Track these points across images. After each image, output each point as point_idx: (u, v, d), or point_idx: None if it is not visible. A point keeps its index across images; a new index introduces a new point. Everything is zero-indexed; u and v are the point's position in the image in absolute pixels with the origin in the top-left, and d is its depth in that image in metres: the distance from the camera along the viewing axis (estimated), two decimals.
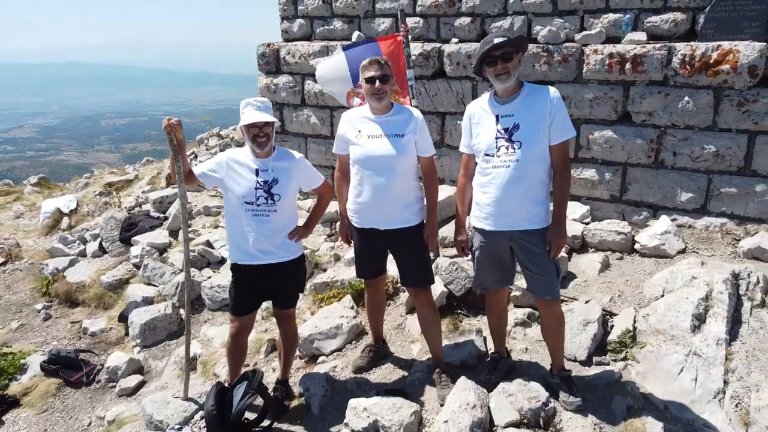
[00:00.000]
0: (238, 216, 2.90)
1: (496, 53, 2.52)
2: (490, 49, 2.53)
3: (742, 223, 4.07)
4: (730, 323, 3.10)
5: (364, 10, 5.35)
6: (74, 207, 7.12)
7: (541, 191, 2.64)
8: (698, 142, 4.08)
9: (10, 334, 4.93)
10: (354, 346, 3.62)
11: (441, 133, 5.00)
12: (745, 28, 3.90)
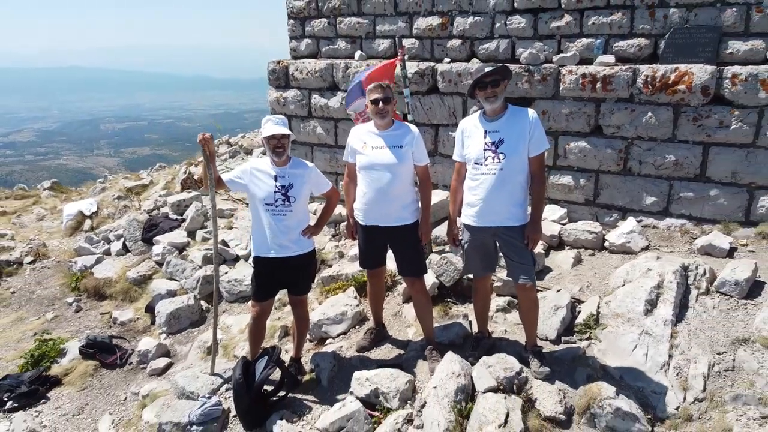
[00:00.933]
0: (259, 216, 3.43)
1: (487, 80, 3.07)
2: (482, 76, 3.08)
3: (698, 223, 4.62)
4: (677, 307, 3.64)
5: (366, 32, 5.91)
6: (95, 210, 7.65)
7: (521, 194, 3.18)
8: (660, 152, 4.63)
9: (46, 324, 5.46)
10: (357, 330, 4.15)
11: (435, 143, 5.54)
12: (699, 53, 4.46)
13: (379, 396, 3.33)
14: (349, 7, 5.90)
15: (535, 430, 3.04)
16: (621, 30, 4.76)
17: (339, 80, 5.85)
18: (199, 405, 3.49)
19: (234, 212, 6.51)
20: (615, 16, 4.74)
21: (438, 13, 5.48)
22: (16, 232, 7.91)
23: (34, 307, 5.84)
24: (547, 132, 4.56)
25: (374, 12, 5.79)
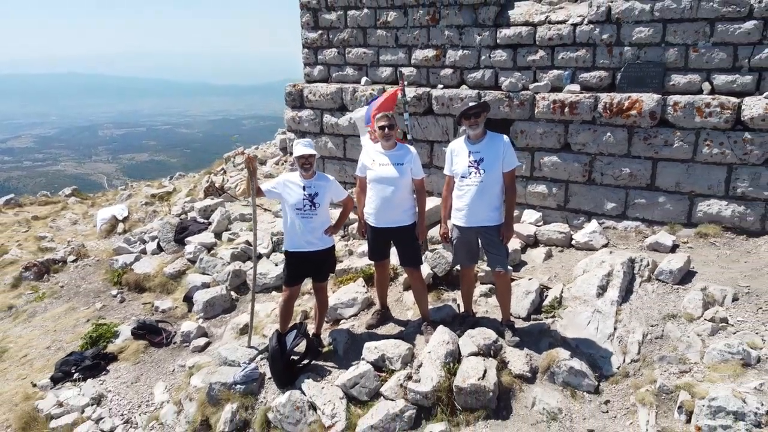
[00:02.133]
0: (291, 218, 4.32)
1: (471, 112, 3.99)
2: (467, 109, 4.00)
3: (650, 225, 5.53)
4: (623, 291, 4.55)
5: (371, 61, 6.84)
6: (126, 214, 8.54)
7: (497, 201, 4.08)
8: (618, 166, 5.55)
9: (95, 312, 6.32)
10: (366, 312, 5.03)
11: (430, 157, 6.46)
12: (648, 84, 5.39)
13: (385, 360, 4.22)
14: (356, 39, 6.84)
15: (507, 384, 3.94)
16: (585, 64, 5.69)
17: (347, 102, 6.77)
18: (241, 369, 4.37)
19: (251, 218, 7.38)
20: (580, 52, 5.67)
21: (433, 46, 6.41)
22: (54, 235, 8.79)
23: (82, 298, 6.72)
24: (524, 148, 5.56)
25: (378, 44, 6.72)
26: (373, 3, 6.63)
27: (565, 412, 3.77)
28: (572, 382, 3.92)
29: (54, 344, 5.85)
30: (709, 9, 5.05)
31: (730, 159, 5.10)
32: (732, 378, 3.64)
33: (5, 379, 5.48)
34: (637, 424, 3.61)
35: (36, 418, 4.72)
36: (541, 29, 5.80)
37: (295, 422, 3.99)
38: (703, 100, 5.09)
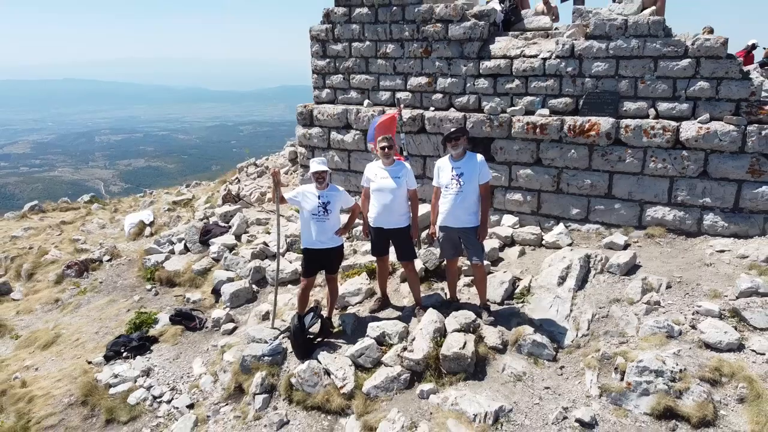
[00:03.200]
0: (308, 222, 5.31)
1: (453, 136, 5.01)
2: (450, 133, 5.02)
3: (608, 227, 6.56)
4: (579, 281, 5.56)
5: (372, 86, 7.87)
6: (152, 219, 9.52)
7: (474, 207, 5.10)
8: (581, 178, 6.58)
9: (133, 303, 7.30)
10: (369, 300, 6.02)
11: (423, 169, 7.47)
12: (604, 110, 6.44)
13: (385, 336, 5.21)
14: (359, 67, 7.87)
15: (483, 353, 4.94)
16: (553, 91, 6.73)
17: (352, 121, 7.80)
18: (268, 345, 5.35)
19: (268, 221, 8.39)
20: (549, 81, 6.71)
21: (425, 75, 7.46)
22: (86, 238, 9.76)
23: (120, 292, 7.69)
24: (502, 162, 6.59)
25: (378, 72, 7.76)
26: (374, 36, 7.67)
27: (528, 375, 4.76)
28: (535, 352, 4.92)
29: (101, 330, 6.82)
30: (652, 49, 6.10)
31: (671, 172, 6.14)
32: (657, 346, 4.66)
33: (62, 359, 6.45)
34: (583, 383, 4.61)
35: (96, 387, 5.69)
36: (516, 62, 6.84)
37: (313, 384, 4.98)
38: (649, 124, 6.14)
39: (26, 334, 7.14)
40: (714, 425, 4.07)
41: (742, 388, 4.24)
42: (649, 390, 4.27)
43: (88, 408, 5.57)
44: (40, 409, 5.71)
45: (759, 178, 5.80)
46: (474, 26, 7.06)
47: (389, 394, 4.76)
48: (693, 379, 4.30)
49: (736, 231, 5.97)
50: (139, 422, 5.28)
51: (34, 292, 8.25)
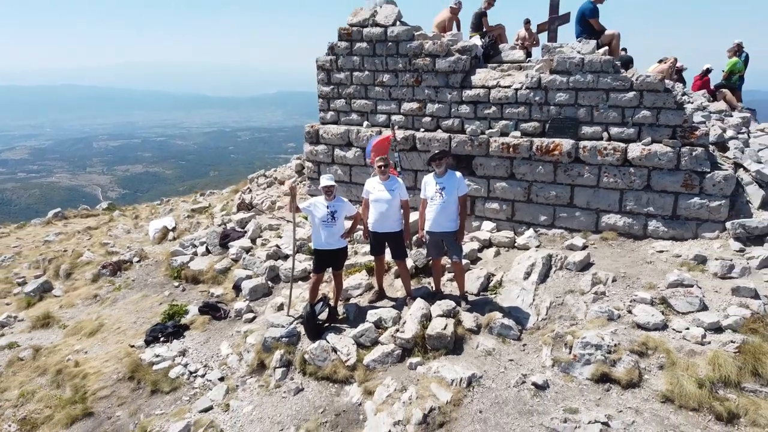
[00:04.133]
0: (318, 227, 6.47)
1: (437, 156, 6.19)
2: (434, 155, 6.21)
3: (570, 232, 7.74)
4: (542, 276, 6.73)
5: (370, 109, 9.07)
6: (174, 225, 10.66)
7: (454, 215, 6.27)
8: (548, 190, 7.77)
9: (164, 298, 8.43)
10: (368, 293, 7.17)
11: (415, 182, 8.64)
12: (566, 132, 7.64)
13: (382, 321, 6.37)
14: (359, 93, 9.07)
15: (460, 334, 6.10)
16: (524, 117, 7.93)
17: (353, 140, 8.99)
18: (285, 329, 6.50)
19: (279, 226, 9.55)
20: (520, 108, 7.91)
21: (416, 100, 8.65)
22: (114, 242, 10.90)
23: (151, 288, 8.83)
24: (482, 176, 7.79)
25: (376, 97, 8.96)
26: (372, 67, 8.88)
27: (496, 350, 5.92)
28: (503, 333, 6.08)
29: (138, 320, 7.96)
30: (604, 83, 7.31)
31: (621, 186, 7.34)
32: (599, 327, 5.83)
33: (107, 344, 7.58)
34: (540, 356, 5.77)
35: (140, 365, 6.82)
36: (493, 91, 8.04)
37: (323, 359, 6.12)
38: (603, 145, 7.34)
39: (72, 324, 8.27)
40: (639, 386, 5.24)
41: (662, 358, 5.41)
42: (590, 360, 5.44)
43: (134, 382, 6.71)
44: (93, 383, 6.84)
45: (691, 191, 7.00)
46: (457, 60, 8.27)
47: (384, 366, 5.92)
48: (624, 352, 5.47)
49: (674, 234, 7.16)
50: (179, 392, 6.41)
51: (73, 290, 9.37)
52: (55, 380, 7.17)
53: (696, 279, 6.29)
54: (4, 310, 9.23)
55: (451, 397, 5.30)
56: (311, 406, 5.74)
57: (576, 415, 4.99)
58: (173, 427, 5.76)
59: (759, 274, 6.37)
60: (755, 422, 4.84)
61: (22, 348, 7.85)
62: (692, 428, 4.84)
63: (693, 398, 5.02)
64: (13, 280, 10.21)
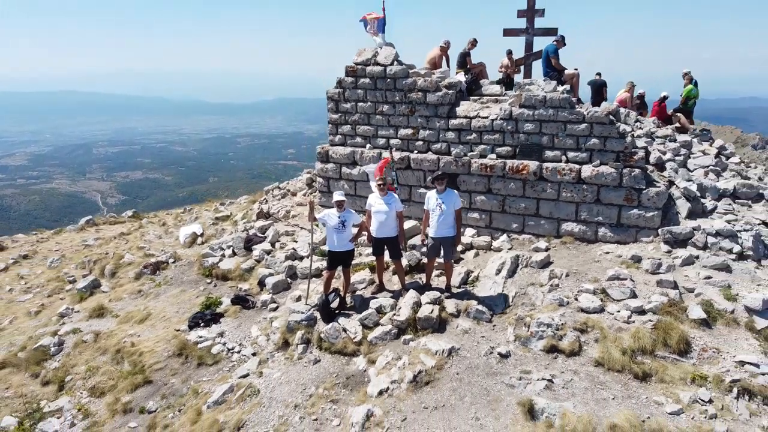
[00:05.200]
0: (331, 233, 8.12)
1: (439, 177, 7.87)
2: (437, 176, 7.89)
3: (537, 237, 9.41)
4: (510, 272, 8.40)
5: (372, 134, 10.76)
6: (201, 231, 12.31)
7: (452, 224, 7.92)
8: (518, 202, 9.45)
9: (199, 292, 10.06)
10: (370, 286, 8.82)
11: (409, 195, 10.31)
12: (532, 155, 9.33)
13: (382, 307, 8.02)
14: (363, 120, 10.76)
15: (444, 317, 7.75)
16: (499, 142, 9.62)
17: (357, 160, 10.67)
18: (304, 314, 8.15)
19: (295, 232, 11.20)
20: (496, 135, 9.60)
21: (411, 127, 10.35)
22: (149, 246, 12.54)
23: (187, 285, 10.46)
24: (465, 191, 9.49)
25: (377, 124, 10.65)
26: (373, 99, 10.58)
27: (472, 330, 7.57)
28: (477, 316, 7.73)
29: (180, 309, 9.59)
30: (562, 116, 9.00)
31: (576, 199, 9.02)
32: (551, 311, 7.49)
33: (155, 329, 9.20)
34: (506, 334, 7.42)
35: (187, 344, 8.44)
36: (474, 121, 9.74)
37: (335, 337, 7.76)
38: (561, 166, 9.02)
39: (123, 313, 9.90)
40: (579, 354, 6.90)
41: (597, 333, 7.07)
42: (543, 336, 7.09)
43: (183, 357, 8.33)
44: (148, 359, 8.47)
45: (631, 204, 8.69)
46: (445, 94, 9.98)
47: (384, 342, 7.57)
48: (569, 329, 7.13)
49: (618, 239, 8.84)
50: (221, 364, 8.04)
51: (118, 286, 11.00)
52: (114, 358, 8.78)
53: (631, 274, 7.97)
54: (61, 303, 10.85)
55: (435, 363, 6.95)
56: (327, 372, 7.38)
57: (529, 375, 6.66)
58: (219, 388, 7.39)
59: (680, 270, 8.06)
60: (662, 380, 6.50)
61: (84, 333, 9.47)
62: (616, 384, 6.49)
63: (618, 362, 6.68)
64: (64, 278, 11.84)
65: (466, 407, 6.29)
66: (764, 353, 6.70)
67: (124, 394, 7.95)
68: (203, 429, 6.79)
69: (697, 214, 8.77)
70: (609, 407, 6.12)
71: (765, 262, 8.10)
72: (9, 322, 10.57)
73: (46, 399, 8.39)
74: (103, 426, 7.57)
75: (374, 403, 6.53)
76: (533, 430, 5.88)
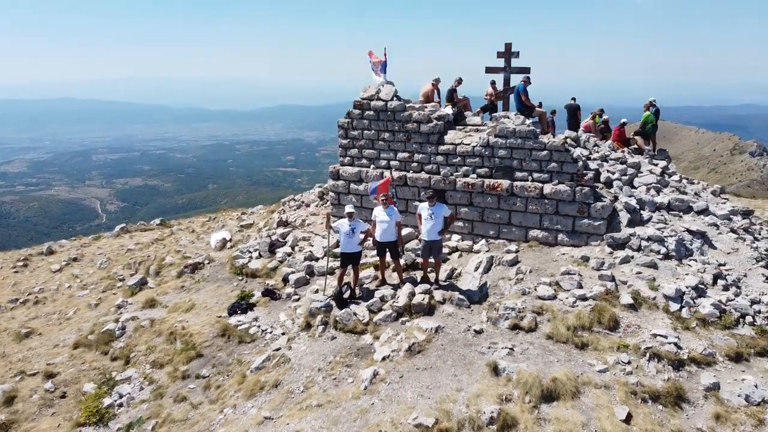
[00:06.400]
0: (343, 238, 10.31)
1: (430, 195, 10.09)
2: (430, 195, 10.11)
3: (509, 241, 11.60)
4: (486, 269, 10.60)
5: (375, 156, 12.98)
6: (230, 237, 14.49)
7: (440, 229, 10.13)
8: (494, 214, 11.66)
9: (234, 287, 12.22)
10: (375, 281, 10.98)
11: (406, 207, 12.51)
12: (505, 176, 11.53)
13: (384, 297, 10.20)
14: (368, 146, 12.98)
15: (433, 303, 9.93)
16: (479, 164, 11.84)
17: (363, 178, 12.89)
18: (322, 302, 10.31)
19: (310, 237, 13.38)
20: (476, 159, 11.82)
21: (407, 152, 12.57)
22: (185, 250, 14.71)
23: (222, 281, 12.62)
24: (451, 204, 11.77)
25: (379, 149, 12.87)
26: (376, 128, 12.80)
27: (454, 314, 9.74)
28: (459, 303, 9.90)
29: (219, 301, 11.75)
30: (528, 145, 11.23)
31: (540, 211, 11.23)
32: (516, 298, 9.67)
33: (200, 316, 11.35)
34: (481, 316, 9.59)
35: (228, 327, 10.59)
36: (459, 147, 11.96)
37: (348, 320, 9.92)
38: (528, 185, 11.24)
39: (171, 304, 12.05)
40: (535, 331, 9.05)
41: (549, 315, 9.25)
42: (508, 317, 9.27)
43: (225, 337, 10.49)
44: (197, 339, 10.62)
45: (583, 215, 10.90)
46: (435, 125, 12.22)
47: (386, 323, 9.73)
48: (528, 312, 9.31)
49: (573, 243, 11.04)
50: (257, 341, 10.20)
51: (163, 283, 13.16)
52: (168, 339, 10.93)
53: (579, 270, 10.17)
54: (115, 297, 13.01)
55: (425, 337, 9.12)
56: (341, 346, 9.54)
57: (496, 345, 8.82)
58: (258, 358, 9.54)
59: (618, 267, 10.26)
60: (596, 348, 8.66)
61: (141, 320, 11.62)
62: (561, 352, 8.65)
63: (563, 336, 8.84)
64: (114, 277, 13.99)
65: (448, 368, 8.46)
66: (674, 329, 8.89)
67: (180, 365, 10.09)
68: (249, 386, 8.94)
69: (635, 223, 10.98)
70: (553, 367, 8.28)
71: (685, 261, 10.30)
72: (73, 312, 12.73)
73: (116, 371, 10.53)
74: (167, 389, 9.72)
75: (379, 366, 8.69)
76: (496, 382, 8.04)
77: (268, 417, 8.09)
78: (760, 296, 9.46)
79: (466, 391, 7.82)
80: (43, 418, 9.51)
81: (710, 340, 8.69)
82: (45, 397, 9.88)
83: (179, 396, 9.27)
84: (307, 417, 7.84)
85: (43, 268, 15.31)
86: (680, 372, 8.16)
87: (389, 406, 7.74)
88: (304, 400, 8.25)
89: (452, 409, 7.46)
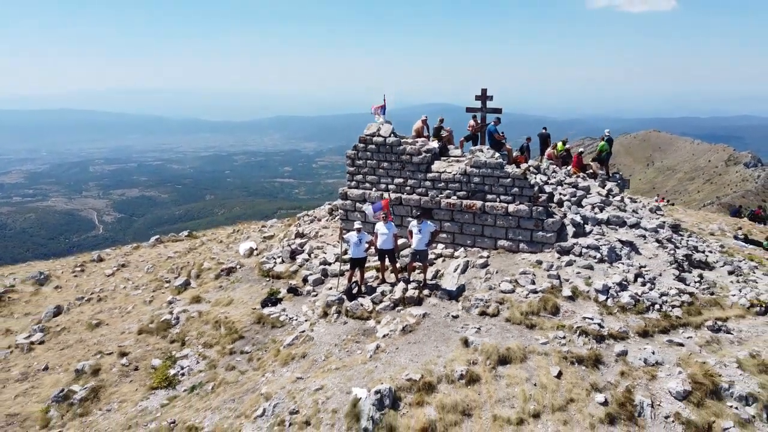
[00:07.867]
0: (352, 247, 13.37)
1: (419, 214, 13.21)
2: (419, 214, 13.23)
3: (483, 249, 14.70)
4: (463, 270, 13.68)
5: (377, 181, 16.10)
6: (256, 246, 17.53)
7: (426, 242, 13.22)
8: (470, 228, 14.77)
9: (263, 287, 15.24)
10: (376, 280, 14.02)
11: (401, 223, 15.59)
12: (479, 197, 14.69)
13: (384, 292, 13.26)
14: (370, 173, 16.10)
15: (422, 296, 13.00)
16: (459, 189, 14.95)
17: (367, 198, 16.01)
18: (336, 296, 13.35)
19: (323, 246, 16.43)
20: (456, 184, 14.94)
21: (402, 177, 15.69)
22: (219, 257, 17.73)
23: (253, 282, 15.64)
24: (437, 220, 15.01)
25: (380, 175, 15.99)
26: (377, 158, 15.93)
27: (438, 304, 12.80)
28: (442, 297, 12.96)
29: (252, 297, 14.75)
30: (496, 174, 14.37)
31: (506, 225, 14.35)
32: (484, 292, 12.75)
33: (238, 309, 14.35)
34: (457, 306, 12.66)
35: (262, 316, 13.60)
36: (443, 174, 15.09)
37: (356, 309, 12.95)
38: (496, 205, 14.37)
39: (213, 300, 15.04)
40: (497, 316, 12.14)
41: (509, 304, 12.34)
42: (478, 306, 12.33)
43: (260, 324, 13.50)
44: (238, 325, 13.62)
45: (538, 228, 14.03)
46: (424, 157, 15.36)
47: (386, 311, 12.78)
48: (493, 302, 12.38)
49: (531, 251, 14.16)
50: (286, 326, 13.20)
51: (204, 284, 16.16)
52: (214, 326, 13.92)
53: (533, 271, 13.27)
54: (165, 296, 15.99)
55: (415, 321, 12.17)
56: (352, 328, 12.56)
57: (467, 326, 11.89)
58: (288, 338, 12.56)
59: (564, 269, 13.36)
60: (541, 328, 11.72)
61: (191, 312, 14.62)
62: (515, 330, 11.71)
63: (519, 320, 11.90)
64: (161, 279, 16.97)
65: (432, 342, 11.51)
66: (600, 314, 11.98)
67: (227, 344, 13.09)
68: (283, 357, 11.95)
69: (579, 235, 14.12)
70: (509, 341, 11.33)
71: (615, 264, 13.42)
72: (132, 307, 15.71)
73: (175, 351, 13.50)
74: (218, 362, 12.71)
75: (380, 341, 11.73)
76: (466, 351, 11.08)
77: (299, 377, 11.10)
78: (668, 290, 12.59)
79: (444, 357, 10.86)
80: (123, 385, 12.47)
81: (626, 321, 11.78)
82: (122, 370, 12.84)
83: (229, 365, 12.27)
84: (328, 376, 10.84)
85: (98, 272, 18.27)
86: (601, 344, 11.23)
87: (388, 368, 10.76)
88: (326, 366, 11.27)
89: (434, 369, 10.49)
